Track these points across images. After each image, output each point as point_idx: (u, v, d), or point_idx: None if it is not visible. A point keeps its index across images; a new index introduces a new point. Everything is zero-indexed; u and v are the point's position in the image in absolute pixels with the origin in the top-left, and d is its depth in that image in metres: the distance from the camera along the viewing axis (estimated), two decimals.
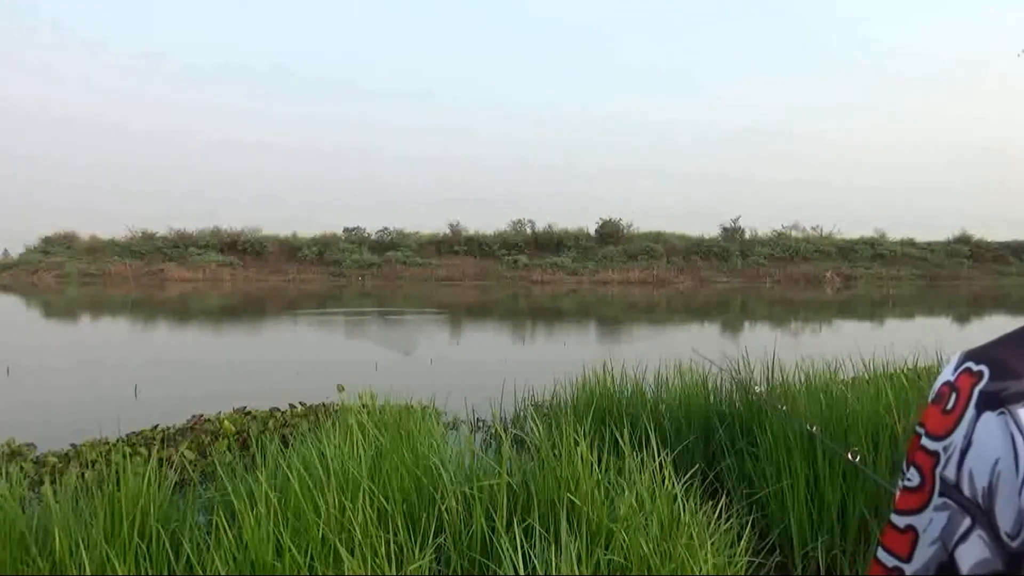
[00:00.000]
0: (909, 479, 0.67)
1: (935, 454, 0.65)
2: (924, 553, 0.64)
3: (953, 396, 0.65)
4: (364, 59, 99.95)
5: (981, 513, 0.60)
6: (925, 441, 0.67)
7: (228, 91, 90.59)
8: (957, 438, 0.63)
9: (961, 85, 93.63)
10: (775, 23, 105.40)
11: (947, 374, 0.69)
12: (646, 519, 2.76)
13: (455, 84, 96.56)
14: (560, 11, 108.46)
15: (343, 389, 5.75)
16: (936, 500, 0.64)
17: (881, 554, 0.69)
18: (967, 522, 0.61)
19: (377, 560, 2.51)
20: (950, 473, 0.63)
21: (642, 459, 3.16)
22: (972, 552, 0.60)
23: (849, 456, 2.90)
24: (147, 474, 2.95)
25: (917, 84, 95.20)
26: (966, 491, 0.61)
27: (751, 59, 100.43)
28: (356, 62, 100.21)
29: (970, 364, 0.66)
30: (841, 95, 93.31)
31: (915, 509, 0.66)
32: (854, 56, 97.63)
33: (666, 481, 2.99)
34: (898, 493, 0.69)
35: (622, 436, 3.36)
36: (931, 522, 0.64)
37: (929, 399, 0.70)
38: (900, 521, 0.67)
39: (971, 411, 0.63)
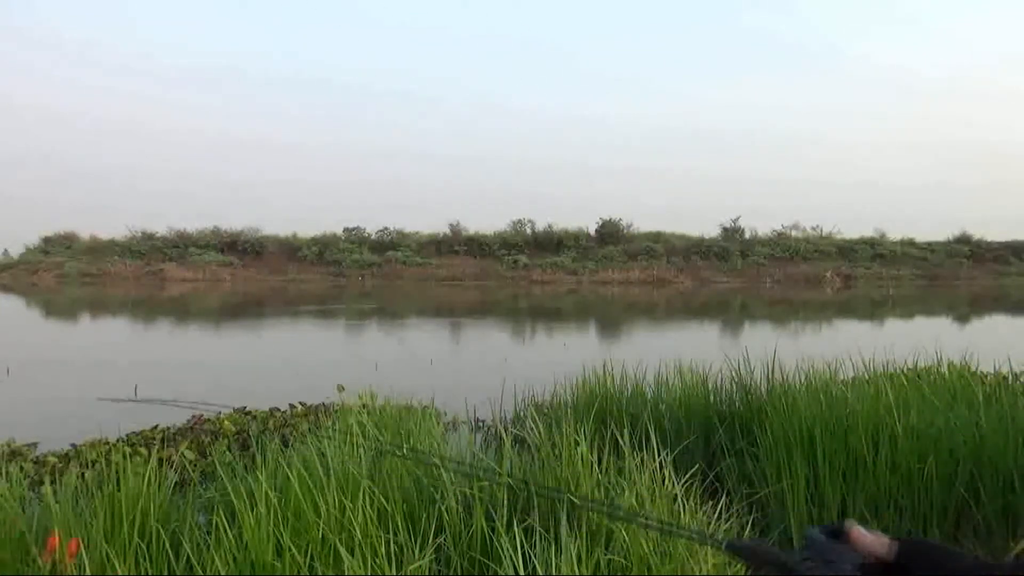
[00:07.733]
0: None
1: None
2: None
3: None
4: (364, 60, 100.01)
5: None
6: None
7: (228, 91, 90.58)
8: None
9: (962, 85, 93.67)
10: (775, 25, 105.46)
11: None
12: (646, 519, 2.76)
13: (455, 84, 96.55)
14: (560, 13, 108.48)
15: (343, 389, 5.75)
16: None
17: None
18: None
19: (377, 560, 2.51)
20: None
21: (642, 459, 3.16)
22: None
23: None
24: (147, 474, 2.94)
25: (918, 85, 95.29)
26: None
27: (750, 61, 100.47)
28: (356, 63, 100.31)
29: None
30: (841, 96, 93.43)
31: None
32: (855, 58, 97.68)
33: (666, 481, 2.99)
34: None
35: (622, 436, 3.36)
36: None
37: None
38: None
39: None
